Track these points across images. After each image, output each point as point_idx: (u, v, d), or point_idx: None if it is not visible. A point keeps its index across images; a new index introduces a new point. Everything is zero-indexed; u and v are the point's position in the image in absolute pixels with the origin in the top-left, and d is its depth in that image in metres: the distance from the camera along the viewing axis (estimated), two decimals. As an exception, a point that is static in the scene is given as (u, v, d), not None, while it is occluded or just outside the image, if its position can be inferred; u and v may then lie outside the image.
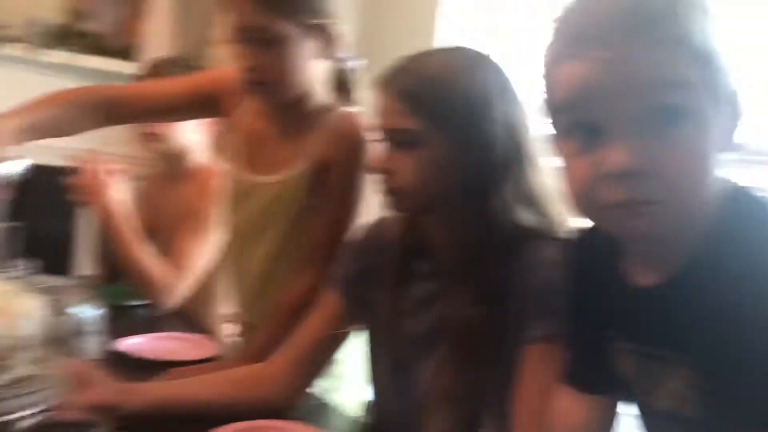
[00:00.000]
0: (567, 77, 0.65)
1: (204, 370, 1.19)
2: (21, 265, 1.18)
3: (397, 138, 0.96)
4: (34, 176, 1.23)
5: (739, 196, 0.69)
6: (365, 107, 1.29)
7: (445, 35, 2.37)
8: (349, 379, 1.27)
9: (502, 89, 0.96)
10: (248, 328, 1.36)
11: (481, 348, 0.94)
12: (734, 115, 0.67)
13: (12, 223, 1.19)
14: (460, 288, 0.96)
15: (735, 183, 0.69)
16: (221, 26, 2.72)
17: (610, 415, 0.85)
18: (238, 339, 1.43)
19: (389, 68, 0.98)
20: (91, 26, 2.78)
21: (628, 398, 0.81)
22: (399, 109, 0.94)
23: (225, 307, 1.60)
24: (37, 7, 2.66)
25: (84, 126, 1.32)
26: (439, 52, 1.02)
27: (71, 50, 2.63)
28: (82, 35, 2.72)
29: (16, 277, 1.15)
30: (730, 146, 0.66)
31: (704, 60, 0.62)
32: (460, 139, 0.93)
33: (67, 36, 2.64)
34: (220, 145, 2.53)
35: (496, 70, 0.98)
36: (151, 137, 1.70)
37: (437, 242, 1.03)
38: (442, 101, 0.93)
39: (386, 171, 0.97)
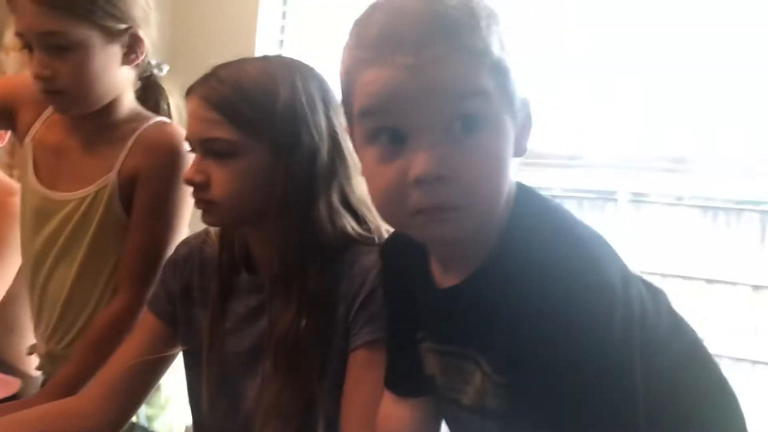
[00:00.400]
0: (369, 83, 0.65)
1: (8, 409, 1.06)
2: None
3: (211, 148, 0.92)
4: None
5: (525, 196, 0.72)
6: (176, 116, 1.23)
7: (265, 45, 2.34)
8: (172, 405, 1.21)
9: (324, 98, 0.95)
10: (53, 360, 1.25)
11: (306, 359, 0.93)
12: (526, 123, 0.71)
13: None
14: (282, 300, 0.95)
15: (519, 182, 0.73)
16: (10, 31, 2.51)
17: (431, 417, 0.87)
18: (42, 373, 1.31)
19: (203, 76, 0.94)
20: None
21: (439, 398, 0.83)
22: (213, 119, 0.91)
23: (28, 339, 1.46)
24: None
25: None
26: (257, 61, 1.00)
27: None
28: None
29: None
30: (522, 152, 0.70)
31: (501, 71, 0.66)
32: (281, 149, 0.91)
33: None
34: (14, 160, 2.33)
35: (318, 78, 0.97)
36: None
37: (258, 255, 1.01)
38: (261, 110, 0.91)
39: (200, 183, 0.93)
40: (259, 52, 2.18)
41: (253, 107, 0.91)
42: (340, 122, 0.94)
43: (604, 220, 2.23)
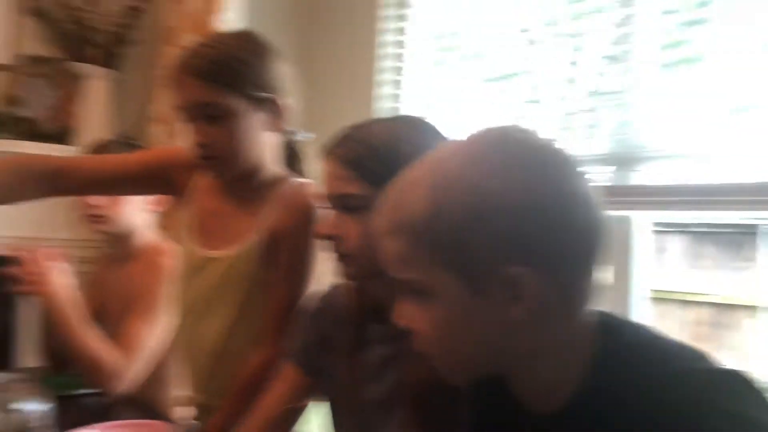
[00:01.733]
0: None
1: None
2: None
3: (344, 203, 0.98)
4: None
5: (611, 326, 0.73)
6: (314, 178, 1.31)
7: (383, 105, 2.44)
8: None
9: None
10: (204, 410, 1.33)
11: (440, 409, 0.94)
12: None
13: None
14: (413, 351, 0.96)
15: (602, 312, 0.74)
16: (159, 104, 2.75)
17: None
18: (193, 422, 1.39)
19: (334, 137, 1.00)
20: (25, 112, 2.75)
21: None
22: (345, 176, 0.97)
23: (178, 390, 1.56)
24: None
25: (25, 195, 1.28)
26: (382, 121, 1.06)
27: (6, 137, 2.59)
28: (17, 121, 2.69)
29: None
30: None
31: None
32: None
33: (6, 123, 2.60)
34: (169, 222, 2.52)
35: (435, 133, 1.01)
36: (96, 219, 1.67)
37: (389, 306, 1.03)
38: (386, 166, 0.95)
39: (334, 237, 0.98)
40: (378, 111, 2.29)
41: (381, 163, 0.95)
42: None
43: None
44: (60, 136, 2.77)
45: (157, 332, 1.62)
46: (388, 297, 1.02)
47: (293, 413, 1.12)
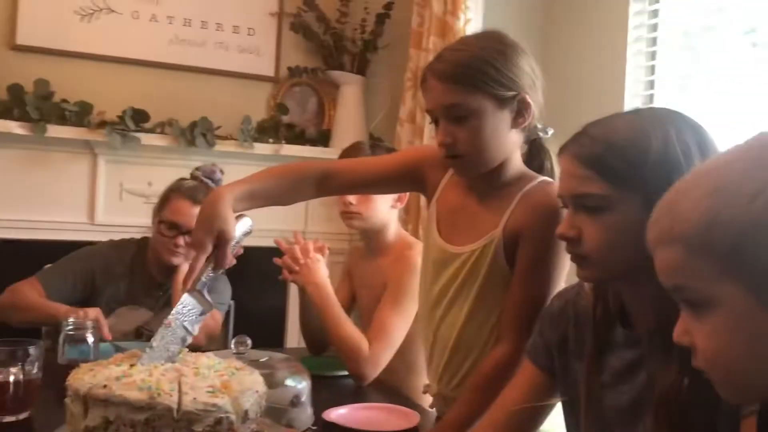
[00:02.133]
0: None
1: None
2: (239, 342, 1.30)
3: (583, 203, 0.95)
4: (244, 257, 1.35)
5: None
6: (557, 176, 1.29)
7: (633, 99, 2.32)
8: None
9: (700, 144, 0.92)
10: (443, 399, 1.38)
11: (691, 421, 0.88)
12: None
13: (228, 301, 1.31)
14: (660, 356, 0.91)
15: None
16: (406, 106, 2.89)
17: None
18: (435, 410, 1.45)
19: (574, 135, 0.98)
20: (291, 119, 3.06)
21: None
22: (584, 175, 0.94)
23: (425, 378, 1.64)
24: (246, 107, 2.98)
25: (297, 196, 1.42)
26: (627, 115, 1.00)
27: (276, 141, 2.91)
28: (285, 127, 3.00)
29: (235, 354, 1.27)
30: None
31: None
32: (654, 201, 0.90)
33: (272, 129, 2.92)
34: (409, 217, 2.65)
35: (694, 127, 0.94)
36: (351, 215, 1.80)
37: (632, 309, 0.99)
38: (631, 164, 0.91)
39: (572, 238, 0.96)
40: (628, 107, 2.17)
41: (624, 161, 0.91)
42: None
43: None
44: (320, 139, 3.05)
45: (407, 322, 1.71)
46: (631, 299, 0.99)
47: (536, 412, 1.11)
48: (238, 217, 1.21)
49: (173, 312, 1.11)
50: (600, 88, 2.67)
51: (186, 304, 1.12)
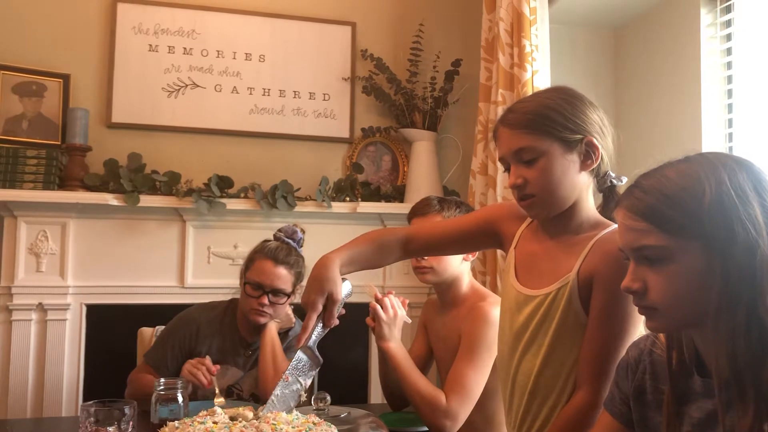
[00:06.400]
0: None
1: None
2: (318, 398, 1.35)
3: (644, 255, 0.95)
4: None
5: None
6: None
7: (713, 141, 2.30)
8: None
9: (755, 183, 0.91)
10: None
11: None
12: None
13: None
14: (738, 406, 0.89)
15: None
16: (477, 158, 2.92)
17: None
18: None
19: (627, 188, 0.99)
20: (366, 177, 3.15)
21: None
22: (641, 228, 0.94)
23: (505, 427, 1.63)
24: (323, 168, 3.10)
25: (387, 259, 1.51)
26: (678, 163, 1.00)
27: (352, 200, 2.99)
28: (361, 185, 3.09)
29: (315, 411, 1.31)
30: None
31: None
32: (715, 247, 0.89)
33: (348, 188, 3.01)
34: (486, 268, 2.65)
35: (750, 169, 0.93)
36: (424, 270, 1.84)
37: (706, 356, 0.97)
38: (687, 212, 0.91)
39: (637, 290, 0.96)
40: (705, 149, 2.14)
41: (679, 210, 0.91)
42: None
43: None
44: (395, 195, 3.11)
45: (483, 374, 1.71)
46: (705, 347, 0.97)
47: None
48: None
49: (289, 367, 1.28)
50: (676, 133, 2.64)
51: (300, 360, 1.26)
